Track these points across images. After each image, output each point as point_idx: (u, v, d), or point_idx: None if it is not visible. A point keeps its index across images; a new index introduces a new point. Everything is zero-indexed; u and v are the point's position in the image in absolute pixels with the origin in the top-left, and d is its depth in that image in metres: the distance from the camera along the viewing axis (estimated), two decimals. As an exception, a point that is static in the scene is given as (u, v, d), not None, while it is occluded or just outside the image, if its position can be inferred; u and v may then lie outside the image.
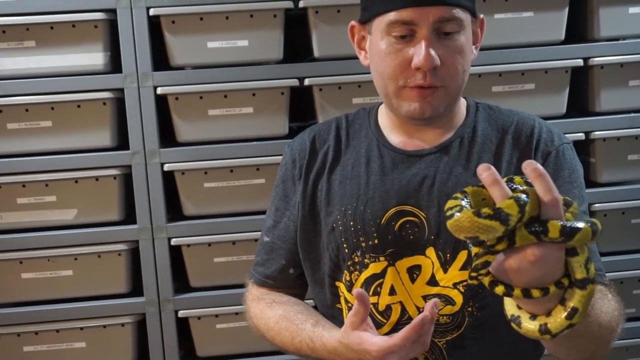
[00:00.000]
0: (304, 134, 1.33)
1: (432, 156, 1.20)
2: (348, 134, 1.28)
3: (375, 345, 1.03)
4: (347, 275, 1.21)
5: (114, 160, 2.01)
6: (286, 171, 1.30)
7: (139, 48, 1.96)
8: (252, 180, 2.04)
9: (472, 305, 1.16)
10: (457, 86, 1.17)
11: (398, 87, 1.16)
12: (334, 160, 1.26)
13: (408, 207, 1.18)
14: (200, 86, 2.00)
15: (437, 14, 1.10)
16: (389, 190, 1.19)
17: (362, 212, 1.19)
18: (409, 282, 1.17)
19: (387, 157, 1.22)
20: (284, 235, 1.29)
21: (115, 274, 2.03)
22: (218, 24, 1.99)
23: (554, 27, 2.06)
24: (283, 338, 1.22)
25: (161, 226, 2.01)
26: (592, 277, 0.87)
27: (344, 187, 1.22)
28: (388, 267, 1.18)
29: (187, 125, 2.03)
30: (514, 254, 0.84)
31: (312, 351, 1.17)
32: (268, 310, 1.27)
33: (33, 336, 2.02)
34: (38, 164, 1.99)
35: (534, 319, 0.91)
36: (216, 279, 2.05)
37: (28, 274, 2.02)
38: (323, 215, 1.24)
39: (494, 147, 1.20)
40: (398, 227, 1.18)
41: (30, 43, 1.97)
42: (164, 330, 2.04)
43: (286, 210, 1.29)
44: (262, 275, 1.32)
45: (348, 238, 1.20)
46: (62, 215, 2.02)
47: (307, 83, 2.01)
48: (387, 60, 1.15)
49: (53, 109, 1.99)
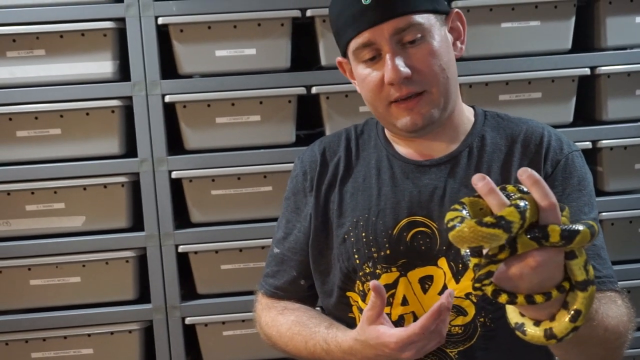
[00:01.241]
0: (314, 145, 1.33)
1: (442, 167, 1.20)
2: (358, 145, 1.29)
3: (394, 336, 1.02)
4: (360, 285, 1.21)
5: (122, 167, 2.02)
6: (297, 183, 1.30)
7: (147, 56, 1.98)
8: (260, 188, 2.05)
9: (484, 316, 1.16)
10: (441, 87, 1.16)
11: (384, 106, 1.17)
12: (345, 172, 1.26)
13: (419, 217, 1.18)
14: (208, 94, 2.01)
15: (391, 28, 1.12)
16: (400, 201, 1.19)
17: (374, 223, 1.19)
18: (421, 292, 1.17)
19: (397, 168, 1.22)
20: (294, 247, 1.29)
21: (122, 281, 2.04)
22: (226, 33, 2.00)
23: (561, 36, 2.06)
24: (296, 343, 1.21)
25: (169, 233, 2.02)
26: (591, 279, 0.88)
27: (355, 198, 1.23)
28: (400, 277, 1.18)
29: (195, 133, 2.04)
30: (515, 262, 0.85)
31: (326, 353, 1.15)
32: (280, 317, 1.26)
33: (41, 342, 2.03)
34: (47, 171, 2.00)
35: (538, 324, 0.91)
36: (223, 286, 2.06)
37: (36, 280, 2.03)
38: (335, 226, 1.24)
39: (503, 155, 1.20)
40: (410, 238, 1.18)
41: (40, 52, 1.99)
42: (171, 337, 2.05)
43: (297, 222, 1.29)
44: (272, 287, 1.32)
45: (360, 249, 1.20)
46: (70, 222, 2.03)
47: (314, 91, 2.02)
48: (366, 85, 1.17)
49: (62, 117, 2.00)
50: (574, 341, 0.91)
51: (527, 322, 0.92)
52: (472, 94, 2.03)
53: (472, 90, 2.04)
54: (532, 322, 0.92)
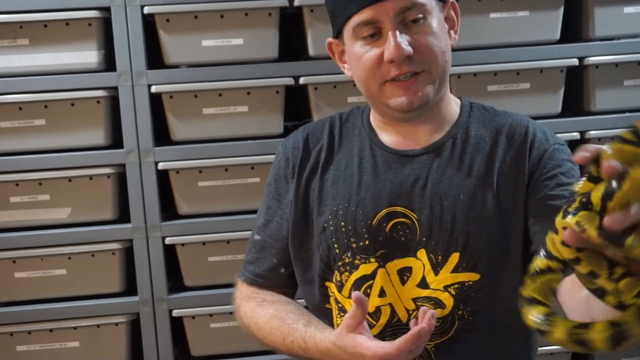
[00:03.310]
0: (297, 132, 1.32)
1: (424, 156, 1.19)
2: (341, 133, 1.27)
3: (370, 350, 1.02)
4: (338, 275, 1.20)
5: (108, 159, 2.00)
6: (279, 170, 1.29)
7: (133, 46, 1.95)
8: (247, 179, 2.04)
9: (462, 308, 1.15)
10: (439, 68, 1.15)
11: (379, 85, 1.15)
12: (327, 160, 1.25)
13: (400, 208, 1.17)
14: (195, 85, 1.99)
15: (395, 6, 1.11)
16: (380, 191, 1.18)
17: (354, 212, 1.18)
18: (399, 284, 1.16)
19: (379, 157, 1.21)
20: (275, 234, 1.28)
21: (109, 273, 2.02)
22: (213, 23, 1.98)
23: (549, 27, 2.06)
24: (274, 338, 1.21)
25: (155, 225, 2.01)
26: None
27: (336, 187, 1.22)
28: (378, 268, 1.17)
29: (182, 124, 2.02)
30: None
31: (304, 351, 1.16)
32: (259, 309, 1.26)
33: (26, 336, 2.01)
34: (31, 162, 1.98)
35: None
36: (211, 278, 2.05)
37: (21, 273, 2.01)
38: (315, 215, 1.23)
39: (487, 147, 1.19)
40: (389, 229, 1.17)
41: (24, 41, 1.96)
42: (158, 330, 2.04)
43: (278, 209, 1.28)
44: (252, 274, 1.31)
45: (339, 238, 1.19)
46: (55, 214, 2.01)
47: (302, 82, 2.01)
48: (362, 63, 1.15)
49: (47, 108, 1.98)
50: None
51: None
52: (461, 84, 2.03)
53: (461, 81, 2.03)
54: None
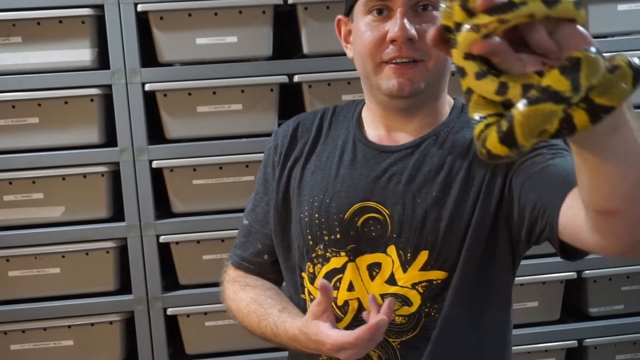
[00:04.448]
0: (290, 120, 1.34)
1: (402, 152, 1.19)
2: (330, 125, 1.28)
3: (330, 338, 1.04)
4: (311, 267, 1.21)
5: (102, 157, 1.99)
6: (268, 157, 1.31)
7: (126, 44, 1.95)
8: (241, 177, 2.03)
9: (429, 306, 1.14)
10: (438, 61, 1.15)
11: (376, 64, 1.15)
12: (312, 149, 1.26)
13: (372, 203, 1.17)
14: (189, 82, 1.99)
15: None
16: (355, 185, 1.18)
17: (328, 205, 1.19)
18: (368, 279, 1.16)
19: (359, 151, 1.21)
20: (261, 220, 1.30)
21: (103, 272, 2.02)
22: (207, 20, 1.98)
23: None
24: (251, 321, 1.23)
25: (150, 223, 2.00)
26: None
27: (315, 177, 1.23)
28: (348, 262, 1.17)
29: (176, 122, 2.01)
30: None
31: (275, 336, 1.18)
32: (241, 293, 1.28)
33: (20, 334, 2.01)
34: (25, 160, 1.97)
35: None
36: (205, 277, 2.04)
37: (15, 271, 2.00)
38: (295, 204, 1.24)
39: (465, 147, 1.17)
40: (361, 223, 1.17)
41: (17, 39, 1.95)
42: (153, 328, 2.03)
43: (265, 195, 1.30)
44: (239, 258, 1.33)
45: (312, 230, 1.20)
46: (49, 212, 2.01)
47: (296, 80, 2.01)
48: (365, 37, 1.15)
49: (40, 106, 1.97)
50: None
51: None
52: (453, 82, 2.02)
53: (454, 79, 2.03)
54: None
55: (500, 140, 0.66)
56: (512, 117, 0.64)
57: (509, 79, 0.67)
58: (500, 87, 0.68)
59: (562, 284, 2.13)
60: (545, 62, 0.67)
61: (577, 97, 0.63)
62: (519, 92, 0.67)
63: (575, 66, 0.62)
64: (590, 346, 2.13)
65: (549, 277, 2.10)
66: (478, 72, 0.68)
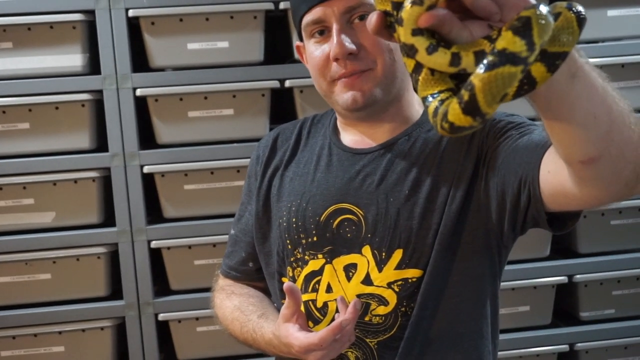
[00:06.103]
0: (272, 131, 1.37)
1: (375, 153, 1.20)
2: (309, 133, 1.31)
3: (297, 340, 1.05)
4: (291, 271, 1.23)
5: (93, 162, 1.99)
6: (251, 167, 1.35)
7: (118, 49, 1.95)
8: (233, 182, 2.03)
9: (406, 305, 1.15)
10: (386, 67, 1.15)
11: (328, 82, 1.18)
12: (291, 158, 1.29)
13: (347, 205, 1.18)
14: (180, 88, 1.99)
15: (341, 6, 1.13)
16: (330, 188, 1.20)
17: (304, 209, 1.20)
18: (345, 280, 1.17)
19: (335, 156, 1.23)
20: (244, 229, 1.33)
21: (94, 277, 2.01)
22: (198, 25, 1.98)
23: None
24: (234, 328, 1.27)
25: (141, 229, 2.00)
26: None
27: (293, 184, 1.25)
28: (326, 264, 1.18)
29: (167, 127, 2.01)
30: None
31: (254, 341, 1.21)
32: (226, 301, 1.32)
33: (10, 341, 2.00)
34: (15, 166, 1.97)
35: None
36: (197, 282, 2.04)
37: (5, 277, 1.99)
38: (274, 211, 1.26)
39: (436, 143, 1.17)
40: (336, 225, 1.18)
41: (7, 44, 1.95)
42: (144, 334, 2.03)
43: (248, 204, 1.33)
44: (226, 267, 1.37)
45: (290, 234, 1.21)
46: (40, 218, 2.00)
47: (287, 85, 2.01)
48: (313, 60, 1.18)
49: (31, 111, 1.97)
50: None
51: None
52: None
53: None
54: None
55: (463, 110, 0.65)
56: (472, 85, 0.63)
57: (460, 49, 0.68)
58: (453, 58, 0.68)
59: (553, 288, 2.13)
60: (491, 25, 0.67)
61: (533, 56, 0.63)
62: (472, 60, 0.67)
63: (526, 26, 0.63)
64: (582, 350, 2.14)
65: (540, 282, 2.11)
66: (428, 46, 0.68)
